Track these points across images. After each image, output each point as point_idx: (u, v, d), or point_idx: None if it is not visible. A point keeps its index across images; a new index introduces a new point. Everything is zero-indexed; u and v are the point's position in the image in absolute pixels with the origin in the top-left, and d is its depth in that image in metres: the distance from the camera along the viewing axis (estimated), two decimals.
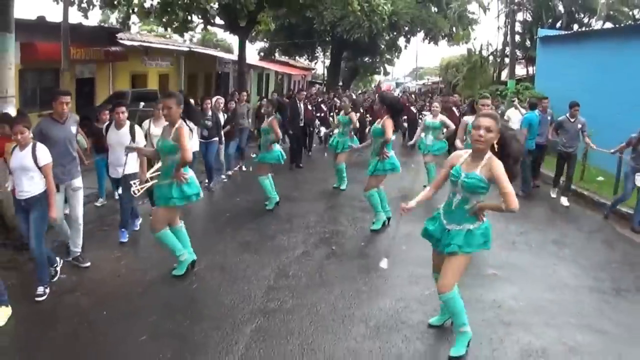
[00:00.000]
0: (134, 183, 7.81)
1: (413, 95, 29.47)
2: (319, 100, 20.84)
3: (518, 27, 30.06)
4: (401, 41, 44.21)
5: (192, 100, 10.65)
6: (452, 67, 35.05)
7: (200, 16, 22.62)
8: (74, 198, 7.42)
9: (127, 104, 9.40)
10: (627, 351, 5.15)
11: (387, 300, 6.26)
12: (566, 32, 21.97)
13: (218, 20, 24.56)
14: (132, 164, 8.31)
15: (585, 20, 28.62)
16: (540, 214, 11.10)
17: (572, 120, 11.71)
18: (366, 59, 47.76)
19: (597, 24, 26.96)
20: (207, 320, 5.67)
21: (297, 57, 50.11)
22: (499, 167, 4.60)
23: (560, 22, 28.35)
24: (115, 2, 19.99)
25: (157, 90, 22.60)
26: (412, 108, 21.39)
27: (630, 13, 28.69)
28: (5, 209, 8.39)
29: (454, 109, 16.95)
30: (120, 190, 8.47)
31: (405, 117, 18.74)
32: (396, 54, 47.42)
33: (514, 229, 9.35)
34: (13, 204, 6.74)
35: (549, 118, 13.11)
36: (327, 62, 49.53)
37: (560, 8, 29.19)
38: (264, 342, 5.23)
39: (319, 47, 47.12)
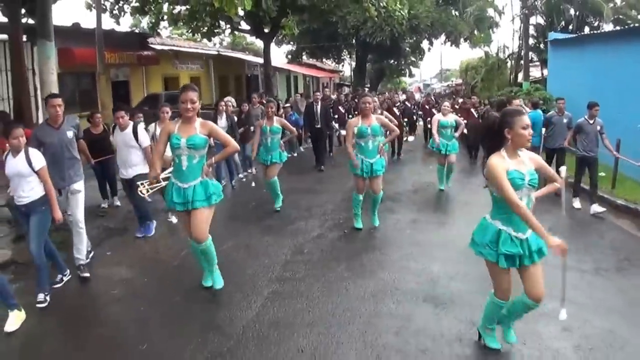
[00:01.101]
0: (142, 184, 7.40)
1: (433, 97, 29.98)
2: (335, 101, 21.15)
3: (532, 31, 30.54)
4: (425, 44, 44.77)
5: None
6: (471, 69, 35.54)
7: (226, 22, 23.47)
8: (73, 201, 7.31)
9: (126, 108, 9.20)
10: (592, 318, 5.75)
11: (386, 272, 7.16)
12: (573, 35, 22.28)
13: (244, 26, 25.38)
14: (140, 166, 8.61)
15: (595, 24, 28.94)
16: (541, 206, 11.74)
17: (591, 122, 10.86)
18: (391, 61, 47.80)
19: (606, 28, 27.34)
20: (232, 285, 6.68)
21: (324, 60, 50.65)
22: (535, 155, 4.68)
23: (571, 25, 28.76)
24: (146, 9, 20.99)
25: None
26: (434, 110, 21.28)
27: (639, 16, 29.14)
28: None
29: (472, 110, 17.54)
30: (128, 192, 8.81)
31: (429, 119, 19.28)
32: (420, 56, 47.88)
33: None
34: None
35: (565, 120, 12.10)
36: (353, 64, 50.06)
37: (572, 12, 29.71)
38: (277, 301, 6.24)
39: (344, 50, 47.53)
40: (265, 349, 5.15)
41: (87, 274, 7.21)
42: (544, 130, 12.40)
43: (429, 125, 19.32)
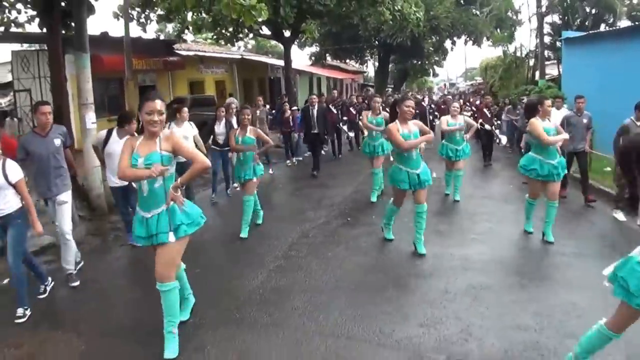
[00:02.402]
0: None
1: (450, 97, 30.46)
2: (345, 103, 21.47)
3: (549, 29, 31.02)
4: (447, 44, 45.37)
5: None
6: (490, 68, 35.99)
7: (247, 28, 24.32)
8: (59, 212, 7.13)
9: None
10: (559, 292, 6.45)
11: (381, 251, 8.21)
12: (585, 33, 22.65)
13: (265, 30, 26.25)
14: None
15: (611, 21, 29.36)
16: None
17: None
18: (414, 61, 48.25)
19: (621, 25, 27.73)
20: (243, 261, 7.80)
21: (347, 61, 51.37)
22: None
23: (586, 23, 29.18)
24: (171, 17, 21.98)
25: (214, 96, 24.68)
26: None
27: None
28: (89, 189, 10.48)
29: (485, 110, 17.43)
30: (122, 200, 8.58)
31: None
32: (442, 56, 48.48)
33: (511, 209, 10.86)
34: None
35: (585, 121, 11.34)
36: (377, 65, 50.75)
37: (588, 10, 30.18)
38: (279, 273, 7.30)
39: (367, 51, 48.21)
40: (265, 307, 6.14)
41: (77, 283, 7.16)
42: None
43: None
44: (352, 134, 19.43)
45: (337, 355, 4.98)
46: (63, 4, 11.87)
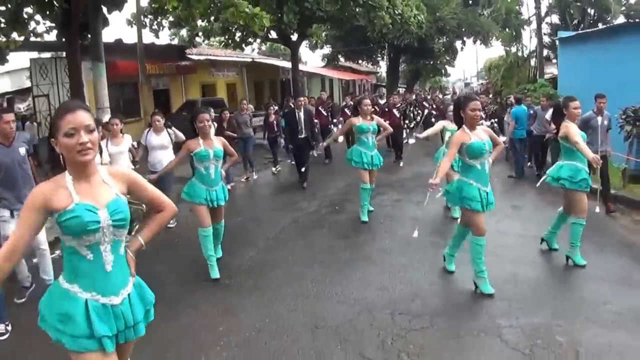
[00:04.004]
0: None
1: (449, 97, 31.04)
2: (333, 105, 21.45)
3: (548, 29, 31.76)
4: (458, 44, 46.04)
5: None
6: (494, 68, 36.73)
7: (254, 34, 25.21)
8: None
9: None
10: (506, 266, 7.37)
11: (359, 234, 9.33)
12: (577, 32, 23.38)
13: (273, 35, 27.20)
14: None
15: (608, 19, 29.93)
16: (524, 191, 13.15)
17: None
18: (426, 61, 48.43)
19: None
20: (237, 243, 8.86)
21: (359, 61, 51.84)
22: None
23: (583, 23, 29.85)
24: (182, 23, 23.07)
25: (223, 99, 25.79)
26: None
27: None
28: None
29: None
30: None
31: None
32: (453, 56, 49.04)
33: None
34: None
35: (605, 122, 10.44)
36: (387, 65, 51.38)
37: (590, 10, 30.90)
38: (267, 250, 8.53)
39: (378, 52, 48.54)
40: (251, 276, 7.35)
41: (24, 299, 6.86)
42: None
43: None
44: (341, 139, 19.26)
45: (303, 310, 6.10)
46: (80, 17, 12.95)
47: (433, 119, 22.61)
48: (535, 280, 6.93)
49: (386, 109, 17.82)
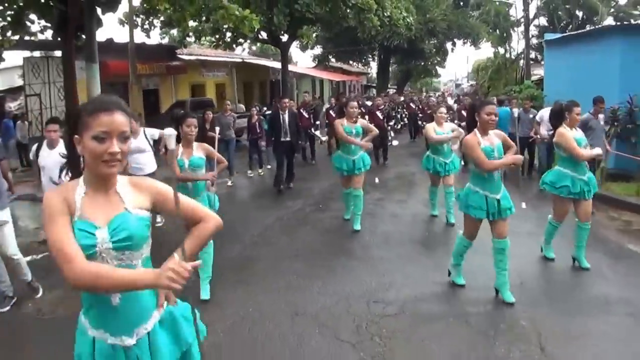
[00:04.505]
0: None
1: (434, 98, 31.00)
2: (316, 107, 21.19)
3: (536, 32, 32.17)
4: (448, 45, 46.42)
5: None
6: (482, 69, 37.20)
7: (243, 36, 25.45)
8: (0, 235, 6.40)
9: (60, 122, 8.43)
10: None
11: (340, 230, 9.69)
12: (562, 35, 23.64)
13: (263, 35, 27.47)
14: None
15: (596, 21, 30.36)
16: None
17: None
18: (416, 62, 48.86)
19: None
20: (225, 240, 8.93)
21: (350, 62, 52.16)
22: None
23: (571, 26, 30.25)
24: (174, 23, 23.32)
25: (212, 99, 26.08)
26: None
27: None
28: None
29: (463, 112, 17.21)
30: None
31: (424, 123, 19.39)
32: (443, 57, 49.28)
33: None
34: None
35: (602, 123, 10.93)
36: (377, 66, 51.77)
37: (578, 12, 31.34)
38: (253, 246, 8.87)
39: (368, 53, 48.97)
40: (236, 270, 7.69)
41: (38, 285, 6.89)
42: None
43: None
44: (324, 138, 19.51)
45: (285, 300, 6.45)
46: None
47: (420, 121, 23.01)
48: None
49: (370, 111, 17.71)
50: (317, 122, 19.37)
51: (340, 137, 9.53)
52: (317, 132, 19.08)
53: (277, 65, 33.56)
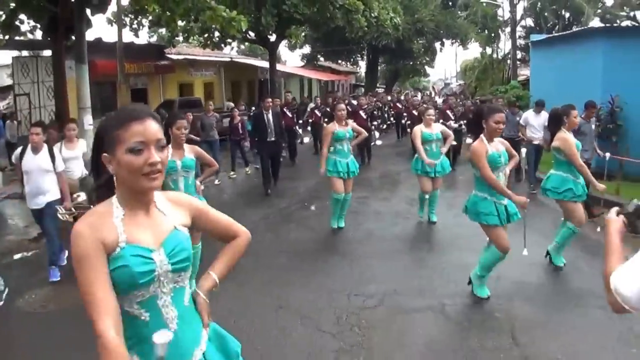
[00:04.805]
0: (60, 207, 6.75)
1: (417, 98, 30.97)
2: (299, 106, 21.26)
3: (522, 32, 32.47)
4: (437, 45, 46.63)
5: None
6: (469, 70, 37.56)
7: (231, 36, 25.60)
8: None
9: (44, 124, 8.07)
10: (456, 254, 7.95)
11: (323, 227, 9.87)
12: (548, 36, 23.96)
13: (252, 35, 27.68)
14: (54, 191, 7.43)
15: (583, 21, 30.72)
16: None
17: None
18: (405, 62, 48.93)
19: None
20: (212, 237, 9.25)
21: (339, 61, 52.49)
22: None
23: (557, 26, 30.55)
24: (162, 23, 23.45)
25: (200, 98, 26.17)
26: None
27: (632, 14, 30.83)
28: None
29: (448, 111, 17.28)
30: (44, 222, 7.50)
31: (408, 122, 20.17)
32: (432, 56, 49.44)
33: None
34: None
35: (593, 127, 10.94)
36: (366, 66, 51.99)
37: (565, 13, 31.65)
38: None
39: (357, 52, 49.15)
40: None
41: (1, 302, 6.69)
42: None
43: (408, 130, 19.36)
44: (307, 140, 19.69)
45: (269, 294, 6.68)
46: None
47: (405, 121, 23.12)
48: None
49: (354, 111, 17.17)
50: (301, 121, 19.55)
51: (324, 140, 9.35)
52: (301, 131, 19.33)
53: (266, 64, 33.61)
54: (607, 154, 10.23)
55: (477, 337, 5.38)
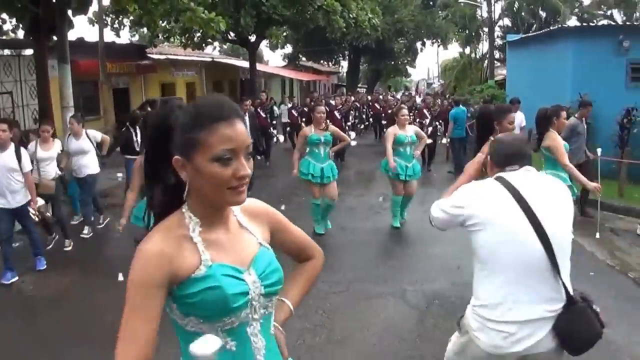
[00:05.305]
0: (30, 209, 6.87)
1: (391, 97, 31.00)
2: (272, 106, 21.38)
3: (500, 32, 32.95)
4: (418, 44, 47.01)
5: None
6: (449, 69, 37.99)
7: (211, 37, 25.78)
8: None
9: (10, 121, 7.90)
10: (455, 253, 8.30)
11: (301, 219, 9.99)
12: (523, 36, 24.27)
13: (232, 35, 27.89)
14: (24, 192, 7.31)
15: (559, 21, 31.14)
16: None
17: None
18: (386, 61, 49.44)
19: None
20: None
21: (322, 61, 52.49)
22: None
23: (534, 26, 31.00)
24: (143, 22, 23.64)
25: (182, 98, 26.27)
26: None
27: (609, 12, 31.34)
28: None
29: (425, 110, 17.51)
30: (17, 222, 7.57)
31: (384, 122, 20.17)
32: (413, 56, 49.86)
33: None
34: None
35: (585, 127, 10.71)
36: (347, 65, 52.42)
37: (542, 13, 32.12)
38: None
39: (339, 52, 49.30)
40: None
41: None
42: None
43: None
44: (282, 139, 19.93)
45: None
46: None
47: (384, 121, 23.38)
48: (442, 255, 7.95)
49: (330, 111, 17.21)
50: (275, 122, 19.77)
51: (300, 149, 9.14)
52: (275, 131, 19.48)
53: (247, 64, 33.76)
54: (599, 150, 10.04)
55: (433, 319, 5.82)
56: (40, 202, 7.44)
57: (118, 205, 11.05)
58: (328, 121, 9.17)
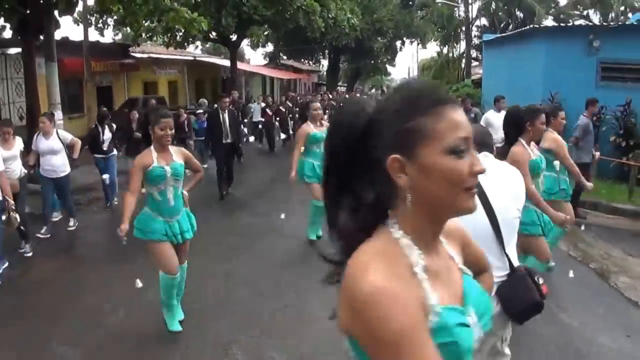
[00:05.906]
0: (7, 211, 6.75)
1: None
2: (244, 105, 22.32)
3: (477, 32, 33.48)
4: (397, 44, 47.82)
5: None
6: (427, 68, 38.47)
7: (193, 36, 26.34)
8: None
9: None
10: None
11: (275, 212, 10.82)
12: (498, 35, 24.86)
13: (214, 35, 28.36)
14: None
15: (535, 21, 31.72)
16: None
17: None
18: (366, 60, 50.22)
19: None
20: None
21: (302, 60, 53.16)
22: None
23: (510, 26, 31.56)
24: (126, 22, 23.97)
25: (164, 97, 26.69)
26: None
27: (585, 13, 32.01)
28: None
29: None
30: None
31: None
32: (393, 55, 50.88)
33: None
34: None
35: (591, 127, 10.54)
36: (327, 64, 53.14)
37: (518, 13, 32.69)
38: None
39: (319, 51, 49.97)
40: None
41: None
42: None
43: None
44: (252, 139, 20.32)
45: (220, 265, 7.76)
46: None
47: None
48: None
49: None
50: (246, 120, 20.36)
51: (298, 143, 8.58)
52: (245, 130, 19.86)
53: (228, 63, 34.16)
54: (597, 153, 9.98)
55: None
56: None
57: (101, 199, 11.81)
58: (325, 117, 8.83)
